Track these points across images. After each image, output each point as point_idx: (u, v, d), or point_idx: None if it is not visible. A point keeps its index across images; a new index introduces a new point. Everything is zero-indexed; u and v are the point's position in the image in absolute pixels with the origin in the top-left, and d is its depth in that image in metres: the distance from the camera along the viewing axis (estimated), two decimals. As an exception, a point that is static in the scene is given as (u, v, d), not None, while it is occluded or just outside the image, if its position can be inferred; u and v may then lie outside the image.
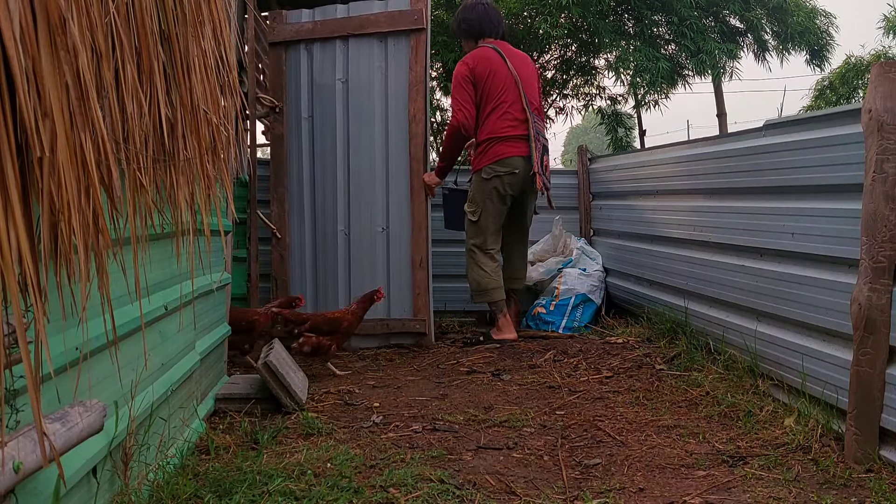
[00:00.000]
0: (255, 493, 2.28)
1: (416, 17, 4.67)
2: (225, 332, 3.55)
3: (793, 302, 3.17)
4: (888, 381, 2.48)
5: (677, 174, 4.60)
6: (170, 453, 2.45)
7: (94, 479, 1.87)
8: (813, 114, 3.37)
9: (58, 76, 1.20)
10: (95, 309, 1.65)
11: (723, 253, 3.89)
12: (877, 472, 2.46)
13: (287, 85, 4.90)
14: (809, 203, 3.11)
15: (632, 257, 5.17)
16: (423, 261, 4.73)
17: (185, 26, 1.78)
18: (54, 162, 1.20)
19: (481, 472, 2.58)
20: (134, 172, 1.61)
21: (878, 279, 2.48)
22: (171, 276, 2.52)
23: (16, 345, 1.28)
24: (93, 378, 1.84)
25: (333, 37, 4.80)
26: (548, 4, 7.17)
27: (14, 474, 1.34)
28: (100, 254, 1.41)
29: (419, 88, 4.70)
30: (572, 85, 9.07)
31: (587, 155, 6.31)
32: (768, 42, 8.58)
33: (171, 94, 1.76)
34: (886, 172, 2.44)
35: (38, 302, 1.21)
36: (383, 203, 4.81)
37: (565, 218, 5.84)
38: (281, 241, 4.91)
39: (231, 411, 3.22)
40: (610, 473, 2.59)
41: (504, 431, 3.04)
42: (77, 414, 1.61)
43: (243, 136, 5.13)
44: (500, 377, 3.93)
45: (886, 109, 2.45)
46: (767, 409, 3.12)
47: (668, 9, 7.72)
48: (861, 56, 12.01)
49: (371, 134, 4.81)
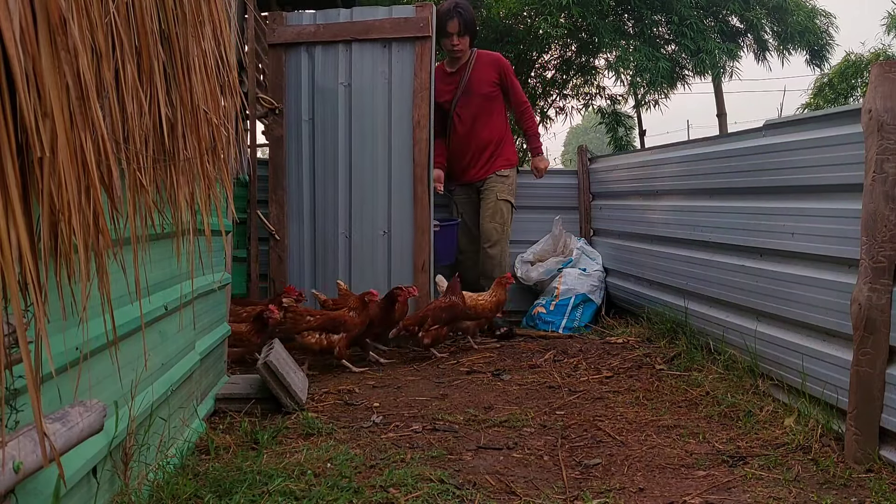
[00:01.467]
0: (255, 493, 2.28)
1: (421, 25, 4.69)
2: (225, 332, 3.54)
3: (793, 302, 3.17)
4: (888, 381, 2.48)
5: (677, 174, 4.60)
6: (170, 453, 2.45)
7: (94, 479, 1.87)
8: (813, 114, 3.37)
9: (58, 76, 1.20)
10: (95, 309, 1.65)
11: (723, 253, 3.89)
12: (877, 472, 2.46)
13: (287, 87, 4.91)
14: (809, 203, 3.11)
15: (632, 257, 5.17)
16: (425, 264, 4.75)
17: (185, 26, 1.78)
18: (54, 162, 1.20)
19: (481, 472, 2.58)
20: (134, 172, 1.61)
21: (878, 279, 2.48)
22: (171, 276, 2.52)
23: (16, 344, 1.28)
24: (93, 378, 1.84)
25: (336, 41, 4.81)
26: (548, 4, 7.17)
27: (14, 474, 1.34)
28: (100, 254, 1.41)
29: (424, 95, 4.73)
30: (572, 85, 9.08)
31: (587, 155, 6.31)
32: (768, 42, 8.59)
33: (171, 94, 1.76)
34: (886, 172, 2.44)
35: (38, 301, 1.21)
36: (385, 206, 4.82)
37: (565, 218, 5.84)
38: (280, 243, 4.92)
39: (231, 411, 3.21)
40: (610, 473, 2.59)
41: (504, 431, 3.04)
42: (77, 414, 1.61)
43: (243, 136, 5.13)
44: (500, 377, 3.93)
45: (886, 109, 2.45)
46: (767, 409, 3.12)
47: (668, 8, 7.72)
48: (861, 54, 12.01)
49: (374, 138, 4.82)
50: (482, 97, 5.07)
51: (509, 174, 5.17)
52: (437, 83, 5.04)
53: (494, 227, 5.11)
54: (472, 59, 5.08)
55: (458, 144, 5.18)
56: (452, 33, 4.92)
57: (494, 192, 5.12)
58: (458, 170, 5.26)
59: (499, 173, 5.13)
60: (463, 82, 5.06)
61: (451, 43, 4.97)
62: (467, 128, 5.10)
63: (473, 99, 5.07)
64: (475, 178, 5.20)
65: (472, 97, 5.07)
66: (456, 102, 5.09)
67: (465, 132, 5.11)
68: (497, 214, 5.11)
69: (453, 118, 5.14)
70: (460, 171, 5.25)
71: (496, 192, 5.12)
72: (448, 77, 5.12)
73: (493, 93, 5.09)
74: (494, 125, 5.16)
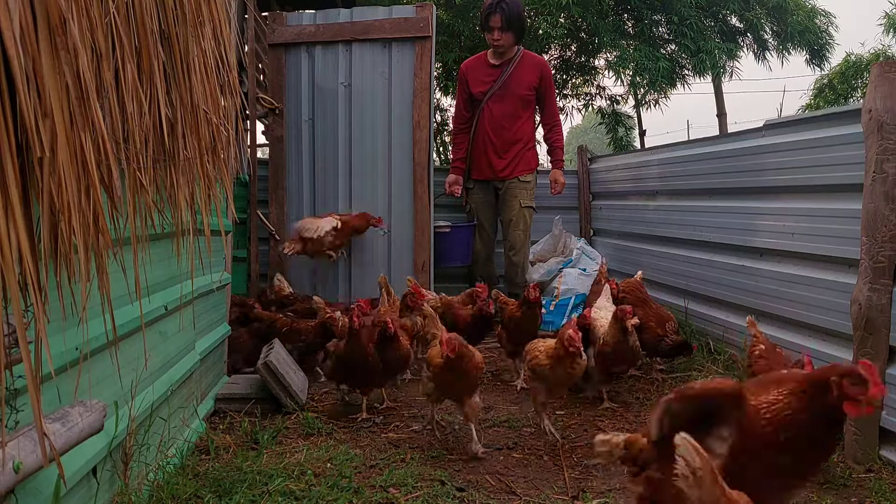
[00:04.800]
0: (255, 493, 2.28)
1: (421, 25, 4.68)
2: (225, 332, 3.54)
3: (793, 302, 3.17)
4: (888, 382, 2.48)
5: (677, 174, 4.60)
6: (170, 453, 2.45)
7: (94, 479, 1.87)
8: (813, 114, 3.37)
9: (58, 76, 1.20)
10: (95, 309, 1.65)
11: (723, 253, 3.89)
12: (877, 472, 2.46)
13: (287, 87, 4.90)
14: (809, 203, 3.11)
15: (632, 257, 5.16)
16: (425, 264, 4.75)
17: (185, 26, 1.78)
18: (54, 162, 1.20)
19: (481, 472, 2.58)
20: (134, 172, 1.60)
21: (878, 279, 2.48)
22: (171, 276, 2.52)
23: (16, 344, 1.28)
24: (93, 378, 1.83)
25: (336, 41, 4.81)
26: (548, 4, 7.17)
27: (14, 474, 1.34)
28: (100, 254, 1.41)
29: (424, 95, 4.73)
30: (572, 85, 9.07)
31: (587, 155, 6.31)
32: (768, 41, 8.58)
33: (171, 94, 1.76)
34: (886, 172, 2.44)
35: (38, 302, 1.21)
36: (385, 206, 4.82)
37: (565, 218, 5.84)
38: (280, 243, 4.91)
39: (231, 411, 3.21)
40: (610, 473, 2.59)
41: (504, 431, 3.04)
42: (77, 414, 1.61)
43: (243, 136, 5.13)
44: (501, 377, 3.93)
45: (886, 109, 2.45)
46: (767, 409, 3.12)
47: (668, 8, 7.72)
48: (861, 54, 12.00)
49: (374, 137, 4.82)
50: (518, 98, 4.99)
51: (530, 179, 5.10)
52: (476, 72, 5.00)
53: (518, 234, 5.05)
54: (518, 57, 4.99)
55: (484, 137, 5.06)
56: (495, 28, 4.84)
57: (518, 199, 5.03)
58: (481, 163, 5.12)
59: (521, 178, 5.04)
60: (503, 77, 4.96)
61: (493, 37, 4.87)
62: (497, 123, 4.99)
63: (509, 97, 4.97)
64: (496, 176, 5.08)
65: (508, 94, 4.97)
66: (490, 95, 4.98)
67: (494, 127, 5.00)
68: (521, 222, 5.05)
69: (484, 110, 5.03)
70: (482, 164, 5.11)
71: (520, 199, 5.03)
72: (489, 69, 5.03)
73: (530, 96, 5.01)
74: (523, 127, 5.07)
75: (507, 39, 4.88)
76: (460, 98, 5.18)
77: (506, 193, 5.07)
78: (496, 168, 5.04)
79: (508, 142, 5.01)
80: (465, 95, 5.09)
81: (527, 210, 5.06)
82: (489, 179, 5.12)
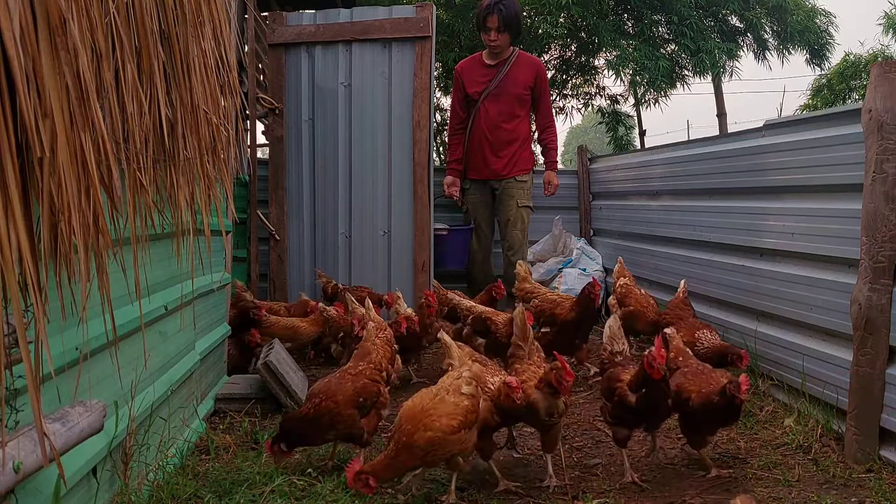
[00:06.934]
0: (255, 493, 2.28)
1: (421, 25, 4.68)
2: (225, 332, 3.54)
3: (793, 302, 3.17)
4: (888, 381, 2.48)
5: (677, 174, 4.60)
6: (170, 453, 2.45)
7: (94, 479, 1.87)
8: (813, 114, 3.37)
9: (58, 76, 1.20)
10: (95, 309, 1.65)
11: (723, 253, 3.89)
12: (877, 472, 2.46)
13: (287, 87, 4.90)
14: (809, 203, 3.11)
15: (632, 257, 5.16)
16: (425, 264, 4.75)
17: (185, 26, 1.78)
18: (54, 162, 1.20)
19: (481, 472, 2.57)
20: (134, 172, 1.60)
21: (878, 279, 2.48)
22: (171, 276, 2.52)
23: (16, 345, 1.28)
24: (93, 378, 1.83)
25: (336, 41, 4.81)
26: (547, 4, 7.17)
27: (14, 474, 1.34)
28: (100, 254, 1.41)
29: (424, 95, 4.72)
30: (572, 84, 9.07)
31: (587, 155, 6.31)
32: (768, 41, 8.58)
33: (171, 94, 1.76)
34: (886, 172, 2.44)
35: (38, 302, 1.21)
36: (385, 207, 4.82)
37: (565, 218, 5.83)
38: (279, 243, 4.92)
39: (231, 411, 3.21)
40: (610, 473, 2.59)
41: (504, 431, 3.03)
42: (77, 414, 1.61)
43: (243, 136, 5.13)
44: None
45: (886, 109, 2.45)
46: (767, 409, 3.12)
47: (668, 8, 7.72)
48: (860, 54, 11.99)
49: (374, 137, 4.81)
50: (514, 97, 4.99)
51: (527, 179, 5.09)
52: (471, 72, 5.01)
53: (517, 234, 5.05)
54: (513, 57, 5.00)
55: (480, 137, 5.05)
56: (491, 28, 4.85)
57: (515, 198, 5.02)
58: (477, 162, 5.11)
59: (518, 178, 5.04)
60: (499, 77, 4.96)
61: (490, 38, 4.88)
62: (493, 122, 5.00)
63: (505, 96, 4.98)
64: (493, 175, 5.07)
65: (504, 94, 4.98)
66: (486, 95, 4.98)
67: (490, 126, 5.00)
68: (519, 222, 5.04)
69: (479, 110, 5.03)
70: (479, 164, 5.10)
71: (517, 198, 5.02)
72: (484, 69, 5.04)
73: (525, 95, 5.02)
74: (519, 127, 5.07)
75: (504, 40, 4.90)
76: (455, 99, 5.20)
77: (503, 193, 5.06)
78: (493, 167, 5.04)
79: (505, 141, 5.01)
80: (460, 95, 5.09)
81: (524, 209, 5.04)
82: (486, 179, 5.12)
